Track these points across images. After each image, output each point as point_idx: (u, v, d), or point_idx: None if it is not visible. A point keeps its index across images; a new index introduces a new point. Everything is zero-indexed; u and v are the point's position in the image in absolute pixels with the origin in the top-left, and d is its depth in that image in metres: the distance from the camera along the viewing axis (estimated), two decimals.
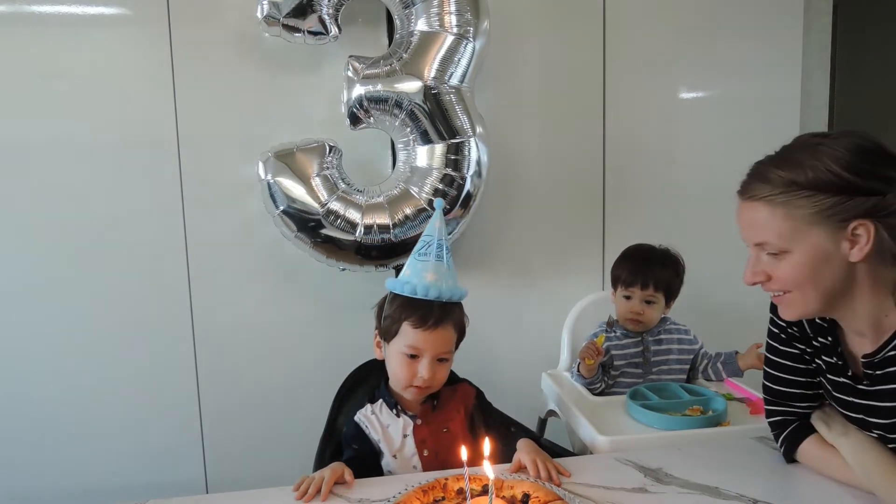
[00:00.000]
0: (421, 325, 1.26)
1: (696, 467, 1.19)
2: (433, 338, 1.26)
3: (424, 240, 1.31)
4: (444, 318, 1.27)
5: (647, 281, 1.73)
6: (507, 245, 2.19)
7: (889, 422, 1.02)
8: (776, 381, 1.19)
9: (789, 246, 0.99)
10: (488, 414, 1.39)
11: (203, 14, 1.95)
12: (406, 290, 1.28)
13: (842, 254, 0.97)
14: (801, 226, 0.97)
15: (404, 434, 1.32)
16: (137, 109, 1.96)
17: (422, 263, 1.29)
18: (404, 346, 1.28)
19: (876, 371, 1.02)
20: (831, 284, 1.00)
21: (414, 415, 1.33)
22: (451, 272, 1.31)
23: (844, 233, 0.96)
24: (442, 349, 1.29)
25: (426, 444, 1.30)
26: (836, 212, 0.95)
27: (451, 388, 1.38)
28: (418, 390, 1.30)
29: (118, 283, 2.01)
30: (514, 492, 1.08)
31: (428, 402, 1.35)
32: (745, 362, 1.73)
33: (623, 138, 2.21)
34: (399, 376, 1.30)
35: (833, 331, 1.10)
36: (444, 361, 1.31)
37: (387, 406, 1.34)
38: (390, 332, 1.30)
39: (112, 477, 2.07)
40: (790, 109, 2.30)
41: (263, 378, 2.11)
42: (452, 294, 1.29)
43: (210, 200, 2.02)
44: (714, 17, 2.22)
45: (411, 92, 1.80)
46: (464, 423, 1.35)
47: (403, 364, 1.29)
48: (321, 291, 2.10)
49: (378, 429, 1.33)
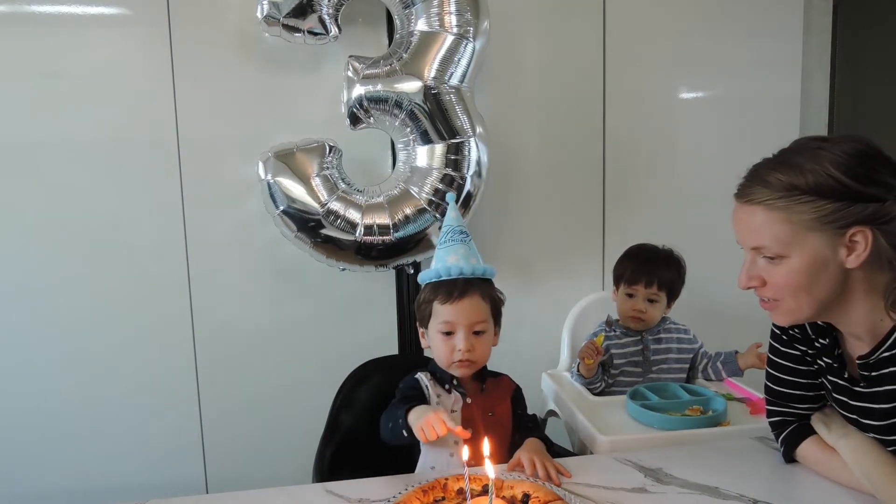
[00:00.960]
0: (448, 299, 1.30)
1: (696, 467, 1.19)
2: (462, 308, 1.29)
3: (444, 231, 1.37)
4: (468, 289, 1.30)
5: (651, 279, 1.74)
6: (507, 245, 2.19)
7: (884, 423, 1.02)
8: (777, 382, 1.19)
9: (787, 251, 0.98)
10: (521, 407, 1.41)
11: (203, 14, 1.95)
12: (432, 276, 1.34)
13: (838, 260, 0.97)
14: (800, 231, 0.96)
15: (452, 409, 1.32)
16: (137, 110, 1.96)
17: (444, 250, 1.35)
18: (439, 324, 1.31)
19: (871, 373, 1.02)
20: (826, 290, 0.99)
21: (465, 392, 1.34)
22: (474, 252, 1.35)
23: (843, 239, 0.95)
24: (473, 318, 1.30)
25: (471, 424, 1.31)
26: (835, 218, 0.94)
27: (496, 379, 1.40)
28: (461, 364, 1.31)
29: (118, 284, 2.01)
30: (514, 492, 1.08)
31: (477, 383, 1.36)
32: (745, 361, 1.73)
33: (623, 138, 2.21)
34: (440, 355, 1.33)
35: (831, 332, 1.09)
36: (481, 334, 1.32)
37: (438, 381, 1.35)
38: (426, 316, 1.34)
39: (112, 477, 2.07)
40: (790, 109, 2.30)
41: (263, 378, 2.11)
42: (475, 270, 1.32)
43: (210, 201, 2.02)
44: (714, 17, 2.22)
45: (411, 92, 1.80)
46: (509, 410, 1.37)
47: (442, 342, 1.31)
48: (321, 291, 2.10)
49: (433, 395, 1.34)
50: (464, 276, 1.31)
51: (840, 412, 1.12)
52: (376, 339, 2.12)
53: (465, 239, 1.36)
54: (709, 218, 2.05)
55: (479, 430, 1.28)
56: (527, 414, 1.42)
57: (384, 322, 2.16)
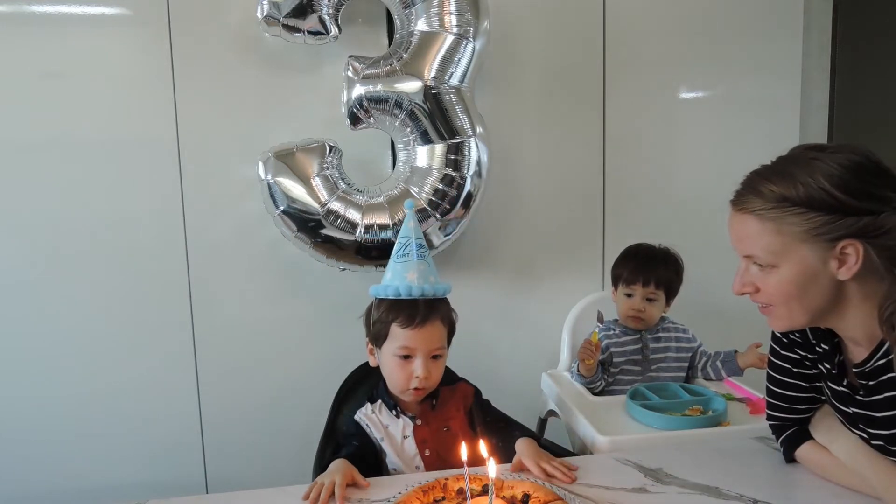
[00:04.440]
0: (409, 324, 1.27)
1: (696, 467, 1.19)
2: (423, 335, 1.27)
3: (401, 241, 1.32)
4: (430, 314, 1.28)
5: (649, 278, 1.74)
6: (507, 245, 2.19)
7: (889, 433, 1.01)
8: (777, 384, 1.19)
9: (777, 261, 0.98)
10: (486, 412, 1.39)
11: (203, 14, 1.95)
12: (390, 292, 1.29)
13: (830, 272, 0.96)
14: (790, 242, 0.96)
15: (404, 435, 1.32)
16: (137, 109, 1.96)
17: (402, 265, 1.30)
18: (396, 348, 1.28)
19: (869, 381, 1.01)
20: (818, 301, 0.99)
21: (413, 416, 1.33)
22: (432, 269, 1.32)
23: (833, 252, 0.95)
24: (433, 345, 1.29)
25: (427, 444, 1.30)
26: (826, 231, 0.94)
27: (451, 388, 1.38)
28: (416, 392, 1.30)
29: (118, 284, 2.01)
30: (514, 492, 1.08)
31: (427, 401, 1.35)
32: (745, 361, 1.73)
33: (623, 138, 2.21)
34: (395, 379, 1.30)
35: (832, 339, 1.09)
36: (438, 358, 1.31)
37: (386, 407, 1.34)
38: (380, 336, 1.31)
39: (112, 477, 2.07)
40: (790, 110, 2.30)
41: (263, 378, 2.11)
42: (436, 290, 1.30)
43: (210, 200, 2.02)
44: (714, 17, 2.22)
45: (411, 92, 1.80)
46: (464, 421, 1.35)
47: (398, 366, 1.29)
48: (321, 291, 2.10)
49: (380, 428, 1.33)
50: (425, 296, 1.28)
51: (842, 421, 1.11)
52: None
53: (423, 254, 1.31)
54: (708, 218, 2.04)
55: (436, 449, 1.29)
56: (500, 416, 1.39)
57: None
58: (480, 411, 1.38)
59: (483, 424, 1.35)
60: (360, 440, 1.31)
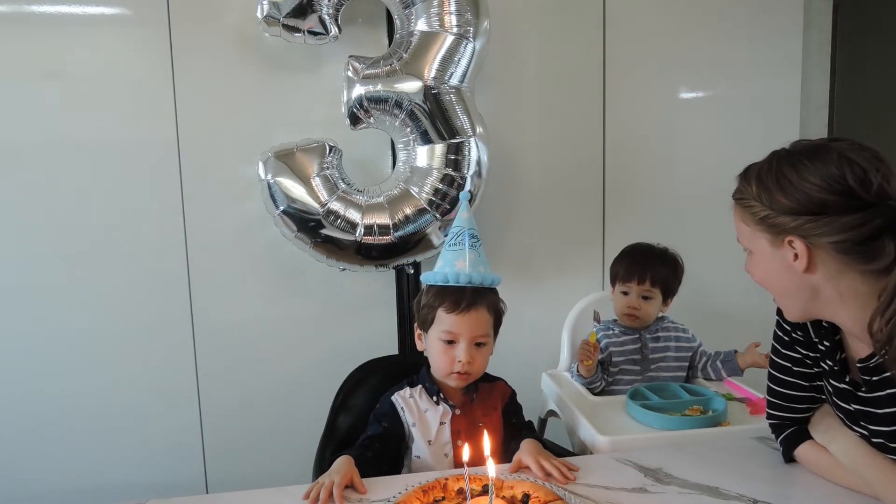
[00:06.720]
0: (454, 309, 1.28)
1: (696, 467, 1.19)
2: (467, 320, 1.28)
3: (454, 231, 1.34)
4: (476, 301, 1.29)
5: (644, 276, 1.74)
6: (507, 245, 2.19)
7: (890, 429, 1.01)
8: (777, 383, 1.19)
9: (749, 246, 1.05)
10: (515, 415, 1.40)
11: (203, 14, 1.95)
12: (439, 278, 1.31)
13: (788, 263, 0.99)
14: (752, 229, 1.02)
15: (441, 421, 1.32)
16: (137, 109, 1.96)
17: (453, 253, 1.32)
18: (441, 332, 1.30)
19: (872, 377, 1.02)
20: (795, 291, 1.02)
21: (454, 404, 1.34)
22: (482, 259, 1.34)
23: (783, 244, 0.98)
24: (478, 332, 1.30)
25: (461, 435, 1.31)
26: (769, 224, 0.99)
27: (490, 385, 1.39)
28: (459, 377, 1.30)
29: (118, 284, 2.01)
30: (514, 492, 1.08)
31: (468, 394, 1.36)
32: (745, 360, 1.73)
33: (623, 138, 2.21)
34: (439, 363, 1.32)
35: (834, 336, 1.09)
36: (482, 346, 1.32)
37: (426, 392, 1.35)
38: (427, 320, 1.33)
39: (112, 477, 2.07)
40: (790, 110, 2.30)
41: (263, 378, 2.11)
42: (483, 279, 1.31)
43: (210, 200, 2.02)
44: (714, 17, 2.22)
45: (411, 92, 1.80)
46: (500, 420, 1.36)
47: (442, 350, 1.30)
48: (321, 291, 2.10)
49: (415, 412, 1.33)
50: (472, 284, 1.29)
51: (842, 419, 1.11)
52: (376, 339, 2.12)
53: (475, 244, 1.33)
54: (709, 218, 2.05)
55: (466, 441, 1.28)
56: (523, 422, 1.40)
57: (384, 322, 2.16)
58: (510, 413, 1.39)
59: (508, 425, 1.37)
60: (390, 422, 1.32)
